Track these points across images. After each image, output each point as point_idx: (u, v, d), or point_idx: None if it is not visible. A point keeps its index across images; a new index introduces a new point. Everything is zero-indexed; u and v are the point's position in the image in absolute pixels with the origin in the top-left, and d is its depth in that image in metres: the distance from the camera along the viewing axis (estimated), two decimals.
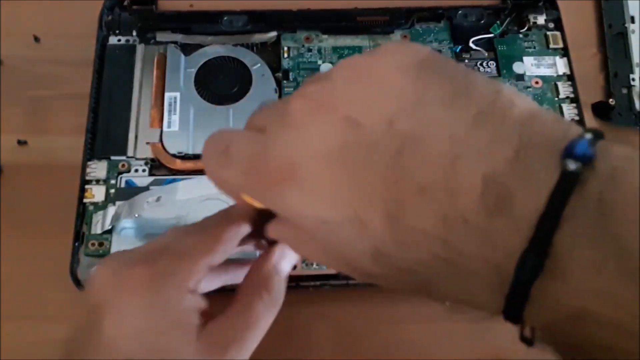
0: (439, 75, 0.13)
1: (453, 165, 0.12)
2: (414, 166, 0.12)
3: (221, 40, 0.34)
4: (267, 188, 0.14)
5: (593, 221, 0.11)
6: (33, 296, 0.28)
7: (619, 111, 0.33)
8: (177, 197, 0.25)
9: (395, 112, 0.13)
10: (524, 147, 0.12)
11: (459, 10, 0.35)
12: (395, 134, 0.13)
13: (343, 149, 0.13)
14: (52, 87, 0.33)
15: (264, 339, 0.28)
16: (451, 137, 0.12)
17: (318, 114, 0.14)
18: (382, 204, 0.13)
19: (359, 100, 0.13)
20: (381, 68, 0.14)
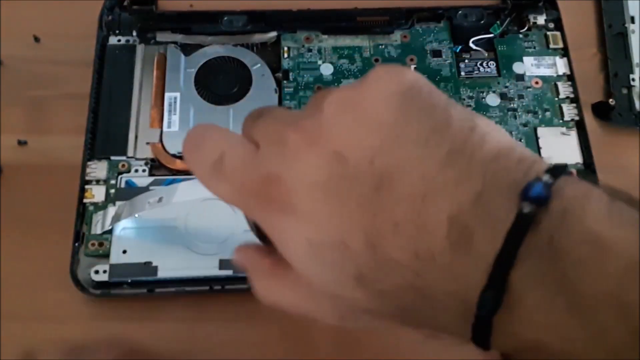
0: (420, 107, 0.14)
1: (423, 204, 0.13)
2: (389, 203, 0.13)
3: (221, 41, 0.34)
4: (265, 212, 0.15)
5: (544, 261, 0.12)
6: (33, 296, 0.28)
7: (619, 111, 0.33)
8: (174, 199, 0.25)
9: (377, 148, 0.14)
10: (487, 187, 0.13)
11: (459, 11, 0.35)
12: (374, 171, 0.14)
13: (331, 180, 0.14)
14: (52, 87, 0.33)
15: (267, 339, 0.28)
16: (423, 176, 0.13)
17: (310, 147, 0.15)
18: (363, 233, 0.14)
19: (345, 135, 0.14)
20: (367, 99, 0.15)
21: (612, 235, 0.12)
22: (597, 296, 0.11)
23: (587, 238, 0.12)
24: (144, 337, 0.28)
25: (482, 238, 0.12)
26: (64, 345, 0.27)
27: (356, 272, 0.14)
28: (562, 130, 0.32)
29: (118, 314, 0.28)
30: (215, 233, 0.29)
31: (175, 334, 0.28)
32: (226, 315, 0.28)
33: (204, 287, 0.28)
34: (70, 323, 0.28)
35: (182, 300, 0.28)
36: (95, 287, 0.28)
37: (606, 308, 0.11)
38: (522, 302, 0.12)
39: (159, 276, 0.28)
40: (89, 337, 0.27)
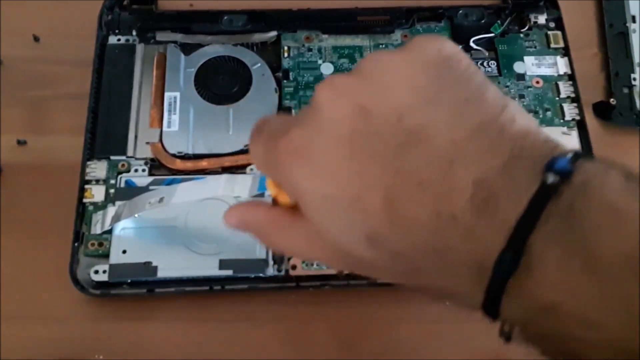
0: (456, 78, 0.15)
1: (450, 166, 0.13)
2: (415, 162, 0.14)
3: (221, 40, 0.34)
4: (280, 160, 0.15)
5: (564, 225, 0.12)
6: (32, 296, 0.28)
7: (620, 111, 0.33)
8: (175, 199, 0.25)
9: (407, 107, 0.14)
10: (514, 158, 0.13)
11: (460, 10, 0.35)
12: (402, 128, 0.14)
13: (354, 134, 0.14)
14: (51, 87, 0.33)
15: (265, 340, 0.28)
16: (452, 141, 0.14)
17: (337, 101, 0.15)
18: (382, 190, 0.14)
19: (375, 92, 0.15)
20: (403, 63, 0.15)
21: (628, 205, 0.12)
22: (613, 258, 0.12)
23: (606, 206, 0.12)
24: (143, 337, 0.27)
25: (505, 203, 0.13)
26: (64, 345, 0.27)
27: (369, 231, 0.14)
28: (563, 130, 0.32)
29: (118, 314, 0.28)
30: (215, 233, 0.28)
31: (175, 334, 0.28)
32: (226, 316, 0.28)
33: (204, 287, 0.28)
34: (69, 323, 0.28)
35: (182, 300, 0.28)
36: (95, 287, 0.28)
37: (622, 270, 0.12)
38: (539, 263, 0.12)
39: (159, 276, 0.28)
40: (88, 337, 0.27)
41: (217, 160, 0.31)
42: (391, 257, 0.14)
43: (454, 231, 0.13)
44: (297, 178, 0.15)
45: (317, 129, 0.15)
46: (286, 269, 0.28)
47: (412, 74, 0.15)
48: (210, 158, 0.31)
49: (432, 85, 0.14)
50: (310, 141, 0.15)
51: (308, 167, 0.15)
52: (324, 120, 0.15)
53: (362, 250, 0.15)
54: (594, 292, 0.12)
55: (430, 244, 0.14)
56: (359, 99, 0.15)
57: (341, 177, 0.14)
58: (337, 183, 0.14)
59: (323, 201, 0.15)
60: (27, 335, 0.27)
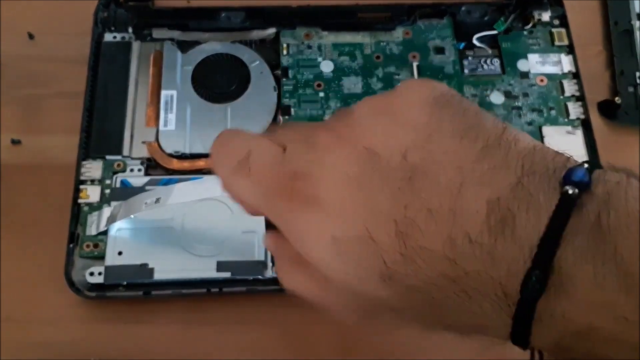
0: (453, 111, 0.15)
1: (459, 191, 0.13)
2: (424, 192, 0.14)
3: (219, 37, 0.33)
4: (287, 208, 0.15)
5: (592, 240, 0.12)
6: (28, 298, 0.28)
7: (626, 110, 0.33)
8: (171, 199, 0.25)
9: (410, 144, 0.14)
10: (526, 174, 0.13)
11: (462, 7, 0.34)
12: (407, 164, 0.14)
13: (362, 175, 0.14)
14: (46, 85, 0.33)
15: (263, 343, 0.27)
16: (459, 167, 0.14)
17: (341, 144, 0.15)
18: (392, 224, 0.14)
19: (377, 133, 0.15)
20: (399, 104, 0.15)
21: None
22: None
23: (635, 218, 0.12)
24: (140, 340, 0.27)
25: (524, 221, 0.12)
26: (59, 348, 0.26)
27: (382, 268, 0.14)
28: (567, 129, 0.32)
29: (114, 316, 0.28)
30: (212, 234, 0.28)
31: (172, 337, 0.27)
32: (224, 319, 0.28)
33: (201, 289, 0.27)
34: (65, 325, 0.27)
35: (179, 303, 0.28)
36: (91, 289, 0.27)
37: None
38: (570, 282, 0.12)
39: (155, 278, 0.27)
40: (84, 339, 0.27)
41: None
42: (408, 293, 0.14)
43: (471, 257, 0.13)
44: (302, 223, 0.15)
45: (323, 171, 0.15)
46: None
47: (408, 113, 0.15)
48: (208, 158, 0.30)
49: (430, 121, 0.15)
50: (318, 184, 0.15)
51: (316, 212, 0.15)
52: (331, 164, 0.15)
53: (377, 289, 0.14)
54: (633, 311, 0.11)
55: (447, 272, 0.13)
56: (363, 142, 0.15)
57: (350, 216, 0.14)
58: (347, 222, 0.14)
59: (331, 242, 0.14)
60: (21, 338, 0.27)
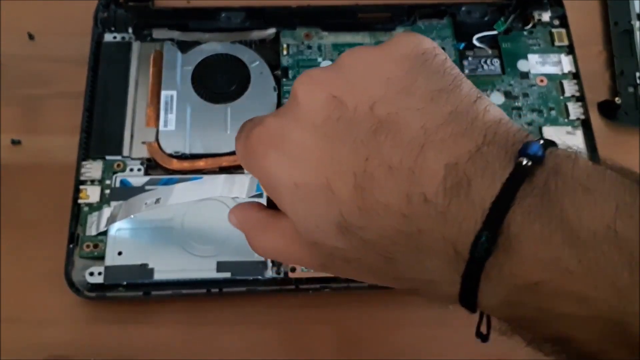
0: (431, 71, 0.15)
1: (421, 152, 0.14)
2: (386, 147, 0.14)
3: (219, 37, 0.33)
4: (254, 149, 0.16)
5: (539, 202, 0.12)
6: (28, 298, 0.28)
7: (625, 110, 0.33)
8: (171, 199, 0.24)
9: (380, 98, 0.15)
10: (487, 144, 0.13)
11: (462, 7, 0.34)
12: (373, 116, 0.14)
13: (326, 122, 0.15)
14: (46, 86, 0.33)
15: (265, 342, 0.27)
16: (424, 127, 0.14)
17: (312, 92, 0.15)
18: (352, 175, 0.14)
19: (350, 83, 0.15)
20: (379, 57, 0.15)
21: (599, 184, 0.12)
22: (593, 230, 0.12)
23: (579, 184, 0.12)
24: (139, 340, 0.27)
25: (479, 185, 0.13)
26: (59, 348, 0.26)
27: (339, 218, 0.14)
28: (567, 129, 0.32)
29: (113, 317, 0.28)
30: (212, 234, 0.28)
31: (171, 337, 0.27)
32: (223, 319, 0.28)
33: (201, 289, 0.27)
34: (65, 326, 0.27)
35: (179, 303, 0.28)
36: (91, 290, 0.27)
37: (602, 241, 0.12)
38: (519, 241, 0.12)
39: (155, 278, 0.27)
40: (84, 340, 0.27)
41: (215, 160, 0.30)
42: (363, 246, 0.14)
43: (426, 214, 0.13)
44: (270, 167, 0.15)
45: (291, 118, 0.15)
46: (285, 271, 0.28)
47: (386, 66, 0.15)
48: (208, 158, 0.30)
49: (405, 77, 0.15)
50: (284, 130, 0.15)
51: (281, 156, 0.15)
52: (299, 110, 0.15)
53: (334, 240, 0.15)
54: (577, 264, 0.12)
55: (401, 229, 0.14)
56: (334, 90, 0.15)
57: (312, 164, 0.15)
58: (308, 170, 0.15)
59: (295, 189, 0.15)
60: (21, 338, 0.27)
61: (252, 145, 0.16)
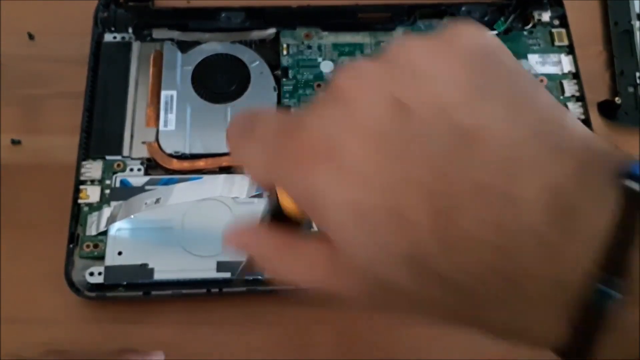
0: (502, 74, 0.13)
1: (514, 171, 0.11)
2: (470, 165, 0.12)
3: (219, 37, 0.33)
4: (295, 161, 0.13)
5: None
6: (28, 298, 0.28)
7: (625, 110, 0.33)
8: (171, 199, 0.24)
9: (453, 103, 0.12)
10: (585, 164, 0.11)
11: (462, 7, 0.34)
12: (449, 127, 0.12)
13: (390, 131, 0.12)
14: (46, 86, 0.33)
15: (264, 343, 0.27)
16: (512, 140, 0.12)
17: (367, 92, 0.12)
18: (429, 197, 0.12)
19: (412, 84, 0.12)
20: (439, 52, 0.13)
21: None
22: None
23: None
24: (140, 340, 0.27)
25: (588, 213, 0.11)
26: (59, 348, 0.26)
27: (411, 250, 0.12)
28: None
29: (113, 317, 0.28)
30: (212, 234, 0.28)
31: (171, 337, 0.27)
32: (223, 319, 0.28)
33: (201, 289, 0.27)
34: (65, 326, 0.27)
35: (179, 303, 0.28)
36: (91, 290, 0.27)
37: None
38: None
39: (155, 278, 0.27)
40: (84, 340, 0.27)
41: (215, 160, 0.30)
42: (438, 284, 0.12)
43: (527, 248, 0.11)
44: (319, 185, 0.12)
45: (345, 124, 0.12)
46: None
47: (451, 63, 0.12)
48: (208, 158, 0.30)
49: (476, 77, 0.12)
50: (337, 139, 0.12)
51: (334, 172, 0.12)
52: (353, 114, 0.12)
53: (401, 276, 0.12)
54: None
55: (494, 265, 0.11)
56: (395, 91, 0.12)
57: (377, 183, 0.12)
58: (372, 190, 0.12)
59: (351, 212, 0.12)
60: (21, 338, 0.27)
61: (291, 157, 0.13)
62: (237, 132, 0.15)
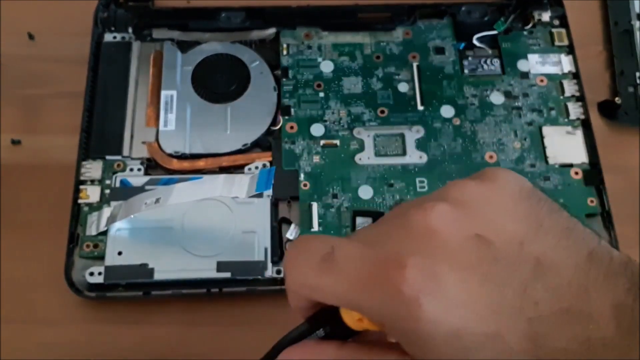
0: (549, 208, 0.15)
1: (586, 293, 0.13)
2: (552, 290, 0.13)
3: (219, 37, 0.33)
4: (391, 300, 0.14)
5: None
6: (28, 298, 0.28)
7: (625, 110, 0.33)
8: (171, 199, 0.24)
9: (524, 236, 0.14)
10: (635, 283, 0.14)
11: (463, 7, 0.34)
12: (528, 255, 0.14)
13: (482, 263, 0.14)
14: (46, 86, 0.33)
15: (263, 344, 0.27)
16: (576, 266, 0.14)
17: (457, 229, 0.14)
18: (524, 323, 0.13)
19: (485, 221, 0.14)
20: (497, 193, 0.15)
21: None
22: None
23: None
24: (140, 340, 0.27)
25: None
26: (59, 348, 0.26)
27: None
28: (567, 129, 0.32)
29: (113, 316, 0.28)
30: (212, 234, 0.28)
31: (171, 337, 0.27)
32: (223, 319, 0.28)
33: (201, 289, 0.27)
34: (65, 326, 0.27)
35: (179, 303, 0.28)
36: (90, 290, 0.27)
37: None
38: None
39: (155, 278, 0.27)
40: (84, 340, 0.27)
41: (215, 160, 0.30)
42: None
43: (604, 357, 0.13)
44: (427, 316, 0.13)
45: (442, 258, 0.14)
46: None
47: (510, 203, 0.15)
48: (208, 158, 0.30)
49: (533, 214, 0.15)
50: (437, 272, 0.14)
51: (439, 303, 0.13)
52: (446, 249, 0.14)
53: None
54: None
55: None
56: (474, 228, 0.14)
57: (478, 310, 0.13)
58: (474, 317, 0.13)
59: (455, 339, 0.13)
60: (21, 339, 0.27)
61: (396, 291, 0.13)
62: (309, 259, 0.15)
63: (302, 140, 0.31)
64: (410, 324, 0.14)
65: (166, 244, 0.28)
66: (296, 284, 0.15)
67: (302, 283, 0.15)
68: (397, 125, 0.31)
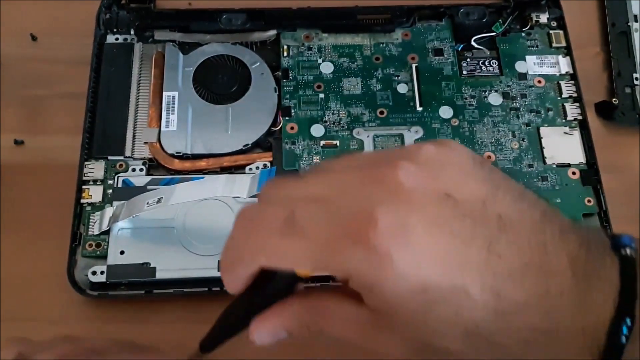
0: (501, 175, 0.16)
1: (544, 248, 0.14)
2: (514, 246, 0.14)
3: (220, 39, 0.34)
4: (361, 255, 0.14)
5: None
6: (31, 297, 0.28)
7: (622, 111, 0.33)
8: (173, 199, 0.25)
9: (485, 195, 0.15)
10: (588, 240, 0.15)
11: (461, 9, 0.35)
12: (491, 213, 0.14)
13: (449, 218, 0.14)
14: (49, 87, 0.33)
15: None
16: (533, 223, 0.15)
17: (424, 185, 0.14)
18: (490, 277, 0.14)
19: (449, 180, 0.15)
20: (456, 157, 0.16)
21: None
22: None
23: None
24: (142, 339, 0.27)
25: (602, 275, 0.14)
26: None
27: (470, 323, 0.14)
28: (565, 129, 0.32)
29: (116, 315, 0.28)
30: (214, 233, 0.28)
31: (173, 336, 0.27)
32: None
33: (202, 288, 0.28)
34: (67, 324, 0.28)
35: (181, 301, 0.28)
36: (93, 289, 0.28)
37: None
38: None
39: (157, 277, 0.27)
40: (86, 339, 0.27)
41: (216, 160, 0.30)
42: (488, 349, 0.14)
43: (565, 307, 0.14)
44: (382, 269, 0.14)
45: (409, 212, 0.14)
46: None
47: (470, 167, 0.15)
48: (209, 158, 0.30)
49: (491, 178, 0.15)
50: (407, 225, 0.14)
51: (407, 255, 0.14)
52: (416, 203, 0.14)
53: (451, 343, 0.14)
54: None
55: (539, 326, 0.14)
56: (440, 186, 0.15)
57: (445, 263, 0.14)
58: (444, 270, 0.14)
59: (422, 292, 0.14)
60: (24, 337, 0.27)
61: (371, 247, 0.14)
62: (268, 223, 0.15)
63: (302, 141, 0.31)
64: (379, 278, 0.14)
65: (168, 243, 0.28)
66: (253, 252, 0.15)
67: (259, 250, 0.15)
68: (396, 125, 0.32)
